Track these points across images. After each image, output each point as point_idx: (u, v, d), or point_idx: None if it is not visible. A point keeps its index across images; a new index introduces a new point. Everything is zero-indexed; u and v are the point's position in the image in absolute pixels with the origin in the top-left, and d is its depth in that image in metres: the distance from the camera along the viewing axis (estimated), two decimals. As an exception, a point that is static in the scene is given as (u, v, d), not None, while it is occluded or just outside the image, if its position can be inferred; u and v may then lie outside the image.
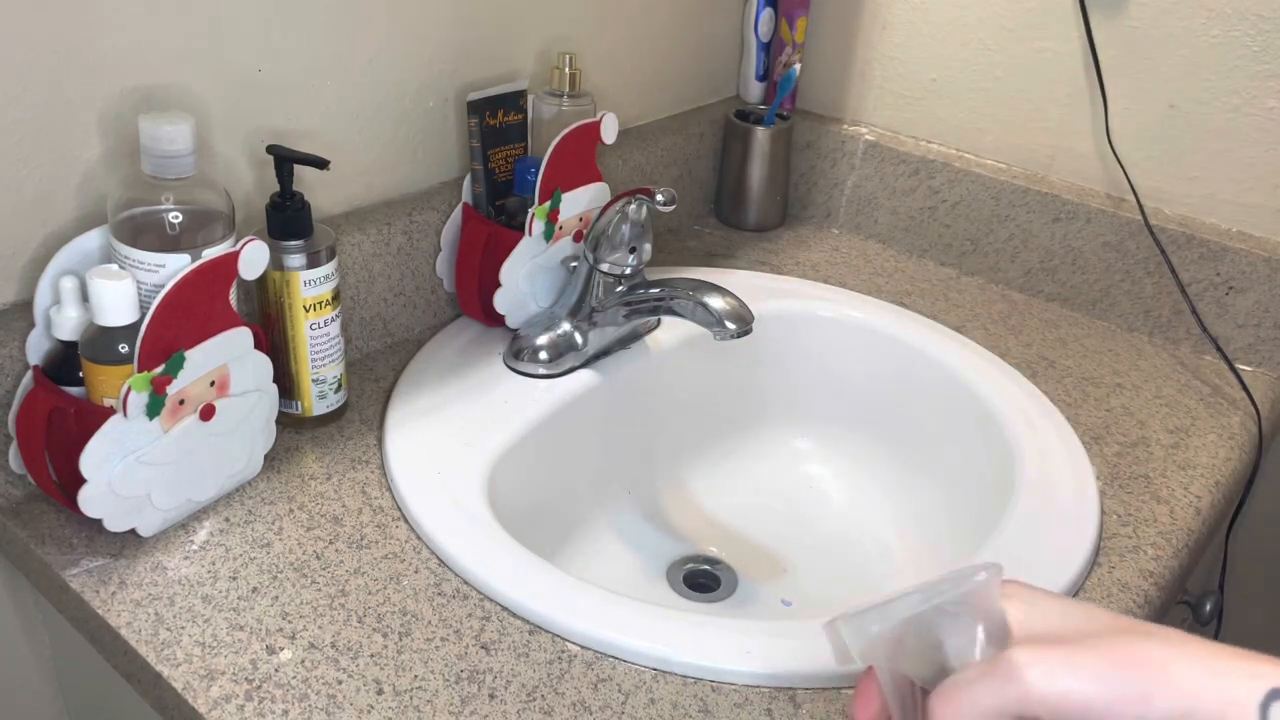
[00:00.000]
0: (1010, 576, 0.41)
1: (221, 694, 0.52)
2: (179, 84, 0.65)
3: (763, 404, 0.92)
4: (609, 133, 0.81)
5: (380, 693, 0.53)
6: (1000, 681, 0.37)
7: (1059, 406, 0.80)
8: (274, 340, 0.69)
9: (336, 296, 0.70)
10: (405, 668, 0.55)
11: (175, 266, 0.59)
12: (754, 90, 1.11)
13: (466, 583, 0.60)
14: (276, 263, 0.66)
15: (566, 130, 0.78)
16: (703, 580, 0.80)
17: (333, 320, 0.70)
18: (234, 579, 0.59)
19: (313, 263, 0.67)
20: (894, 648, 0.41)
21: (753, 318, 0.72)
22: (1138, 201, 0.91)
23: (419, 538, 0.63)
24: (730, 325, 0.71)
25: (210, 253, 0.60)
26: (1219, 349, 0.87)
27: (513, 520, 0.66)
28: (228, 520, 0.64)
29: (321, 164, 0.66)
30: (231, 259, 0.60)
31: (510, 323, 0.80)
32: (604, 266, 0.77)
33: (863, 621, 0.41)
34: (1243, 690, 0.36)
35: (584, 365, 0.80)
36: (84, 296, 0.59)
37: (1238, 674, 0.37)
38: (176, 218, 0.60)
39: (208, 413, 0.61)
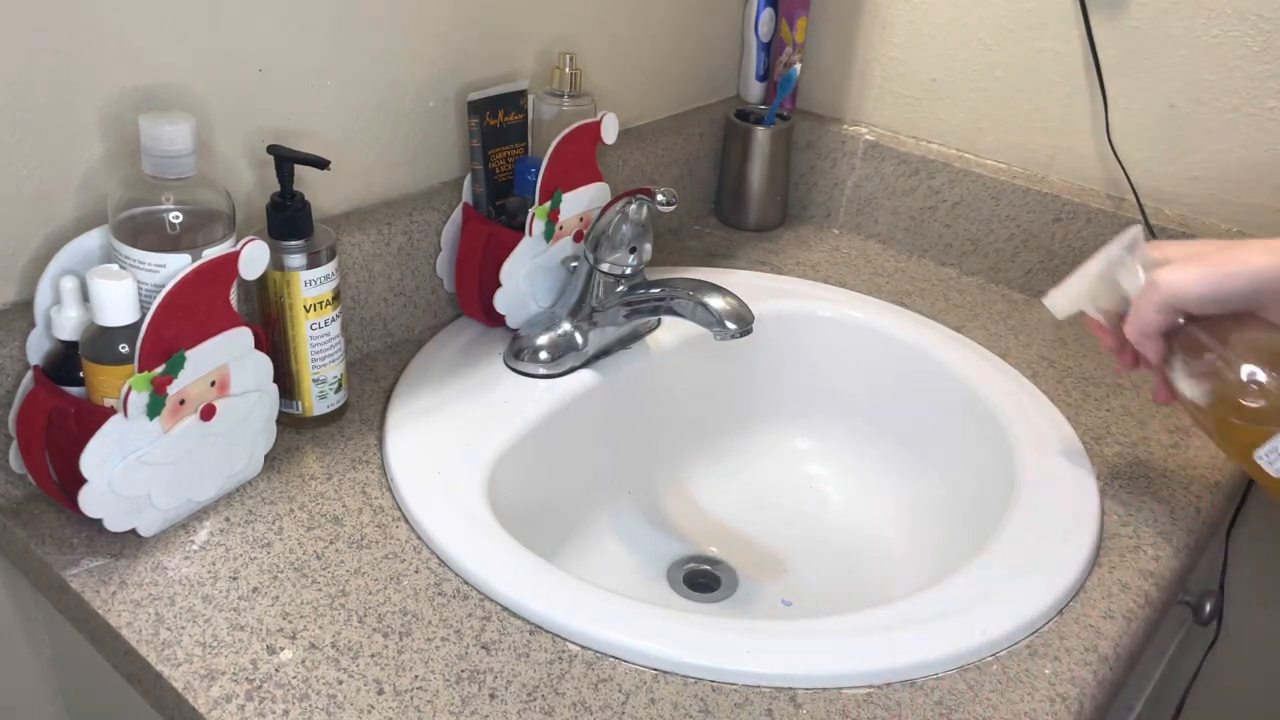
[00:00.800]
0: (1142, 247, 0.62)
1: (222, 694, 0.52)
2: (179, 84, 0.65)
3: (763, 404, 0.92)
4: (609, 133, 0.81)
5: (381, 693, 0.53)
6: (1150, 291, 0.59)
7: (1059, 406, 0.80)
8: (274, 340, 0.69)
9: (337, 296, 0.70)
10: (406, 668, 0.55)
11: (176, 266, 0.59)
12: (754, 90, 1.11)
13: (467, 583, 0.60)
14: (277, 263, 0.66)
15: (567, 130, 0.78)
16: (703, 580, 0.80)
17: (333, 320, 0.70)
18: (234, 579, 0.59)
19: (313, 263, 0.67)
20: (1091, 296, 0.66)
21: (753, 318, 0.72)
22: (1138, 201, 0.91)
23: (419, 538, 0.63)
24: (730, 325, 0.71)
25: (211, 253, 0.60)
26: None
27: (513, 520, 0.66)
28: (228, 520, 0.64)
29: (322, 164, 0.66)
30: (232, 259, 0.60)
31: (510, 323, 0.80)
32: (604, 266, 0.77)
33: (1067, 287, 0.67)
34: None
35: (584, 365, 0.80)
36: (84, 296, 0.59)
37: None
38: (177, 218, 0.60)
39: (208, 413, 0.61)
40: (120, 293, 0.57)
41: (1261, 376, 0.57)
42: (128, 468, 0.58)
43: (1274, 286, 0.56)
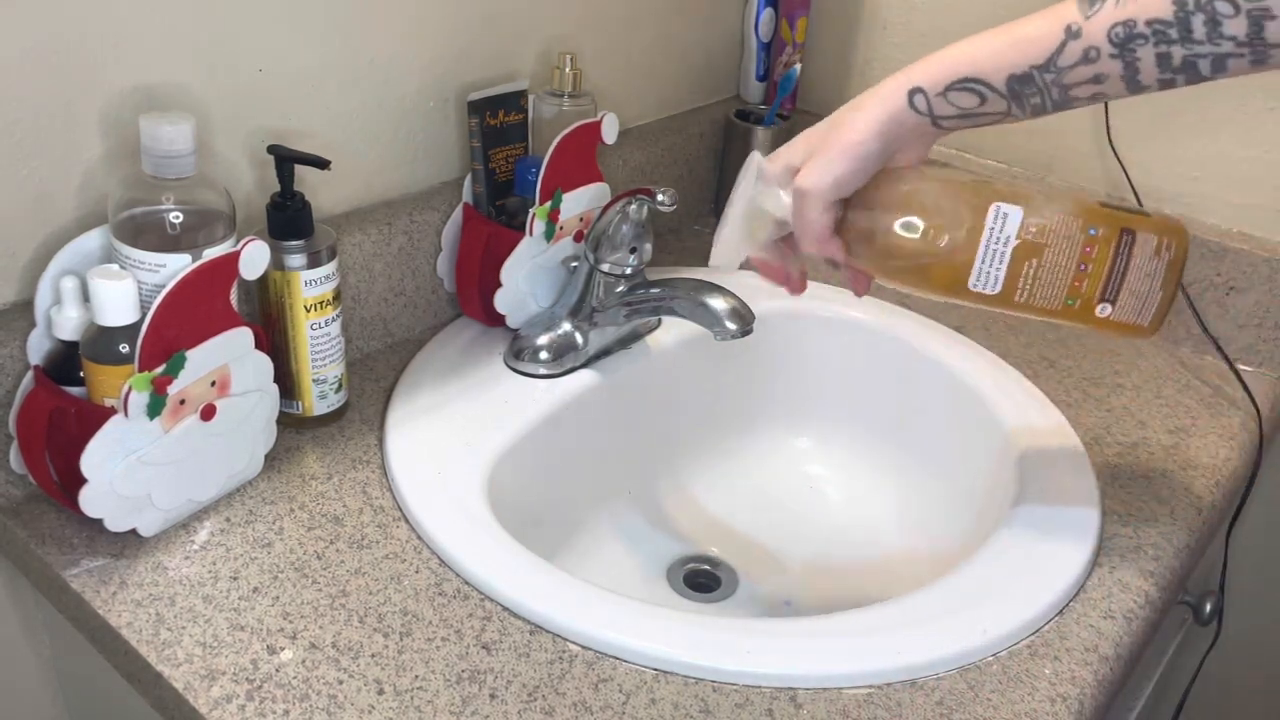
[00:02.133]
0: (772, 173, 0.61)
1: (222, 694, 0.52)
2: (179, 84, 0.65)
3: (763, 404, 0.92)
4: (609, 133, 0.81)
5: (381, 693, 0.53)
6: (801, 201, 0.58)
7: (1059, 406, 0.80)
8: (275, 340, 0.69)
9: (337, 296, 0.70)
10: (406, 668, 0.55)
11: (176, 266, 0.59)
12: (754, 90, 1.11)
13: (467, 583, 0.60)
14: (277, 263, 0.66)
15: (567, 130, 0.78)
16: (703, 580, 0.80)
17: (333, 320, 0.70)
18: (235, 579, 0.59)
19: (313, 263, 0.67)
20: (749, 236, 0.63)
21: (753, 318, 0.72)
22: (1138, 201, 0.91)
23: (419, 538, 0.63)
24: (731, 325, 0.71)
25: (211, 253, 0.60)
26: (1219, 349, 0.87)
27: (513, 520, 0.66)
28: (228, 520, 0.64)
29: (322, 164, 0.66)
30: (232, 259, 0.60)
31: (511, 323, 0.80)
32: (605, 266, 0.77)
33: (722, 238, 0.63)
34: (894, 86, 0.56)
35: (584, 365, 0.80)
36: (85, 296, 0.59)
37: (890, 82, 0.56)
38: (177, 218, 0.60)
39: (208, 413, 0.61)
40: (120, 293, 0.57)
41: (919, 222, 0.58)
42: (128, 468, 0.58)
43: (893, 134, 0.57)
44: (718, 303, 0.72)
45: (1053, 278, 0.59)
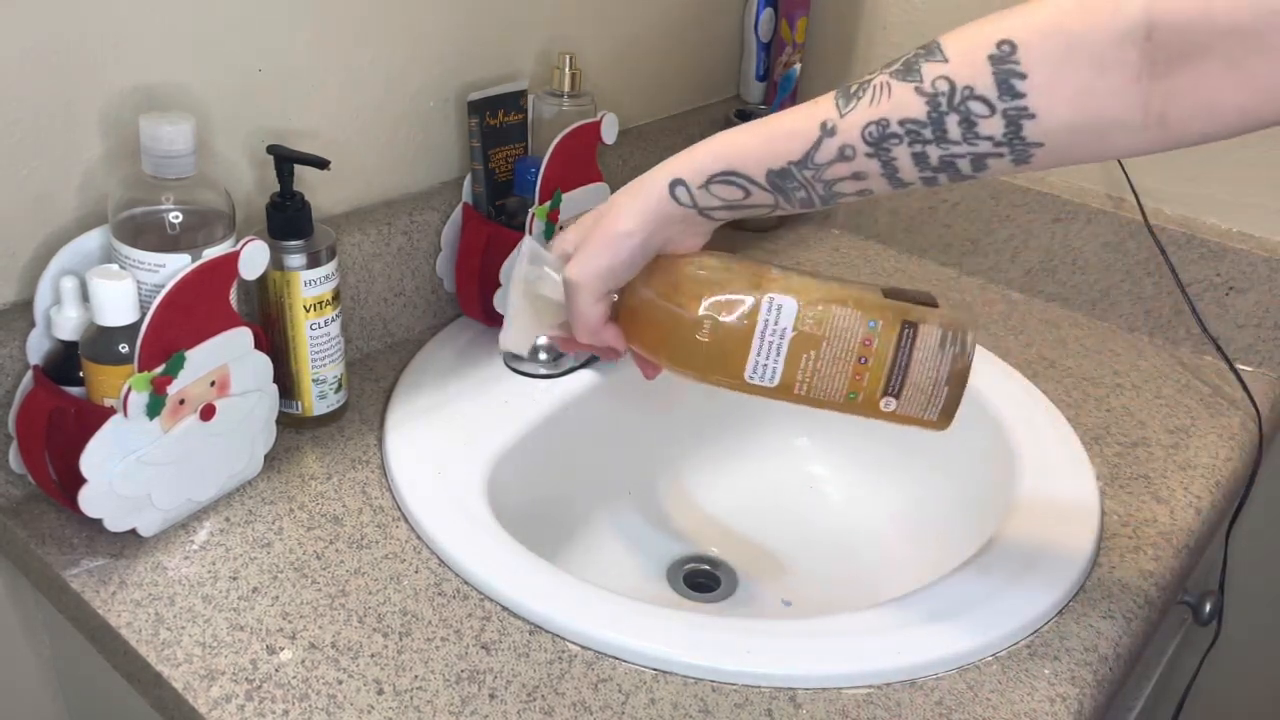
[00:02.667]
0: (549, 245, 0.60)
1: (222, 694, 0.52)
2: (179, 84, 0.65)
3: (763, 404, 0.91)
4: (609, 133, 0.81)
5: (380, 693, 0.53)
6: (571, 293, 0.56)
7: (1059, 406, 0.80)
8: (274, 340, 0.69)
9: (337, 296, 0.70)
10: (405, 668, 0.55)
11: (175, 266, 0.59)
12: (754, 90, 1.11)
13: (467, 583, 0.60)
14: (277, 263, 0.66)
15: (567, 130, 0.78)
16: (703, 580, 0.80)
17: (333, 320, 0.70)
18: (234, 579, 0.59)
19: (313, 263, 0.67)
20: (538, 321, 0.61)
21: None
22: (1138, 201, 0.91)
23: (419, 538, 0.63)
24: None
25: (211, 253, 0.60)
26: (1219, 349, 0.87)
27: (513, 520, 0.66)
28: (228, 520, 0.64)
29: (322, 164, 0.66)
30: (232, 259, 0.60)
31: (510, 323, 0.80)
32: (604, 266, 0.77)
33: (511, 324, 0.61)
34: (658, 177, 0.56)
35: (584, 365, 0.80)
36: (84, 296, 0.59)
37: (656, 172, 0.56)
38: (177, 218, 0.60)
39: (208, 413, 0.61)
40: (120, 293, 0.57)
41: (693, 313, 0.56)
42: (128, 468, 0.58)
43: (659, 225, 0.55)
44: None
45: (832, 371, 0.57)
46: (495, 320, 0.80)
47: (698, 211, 0.56)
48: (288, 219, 0.66)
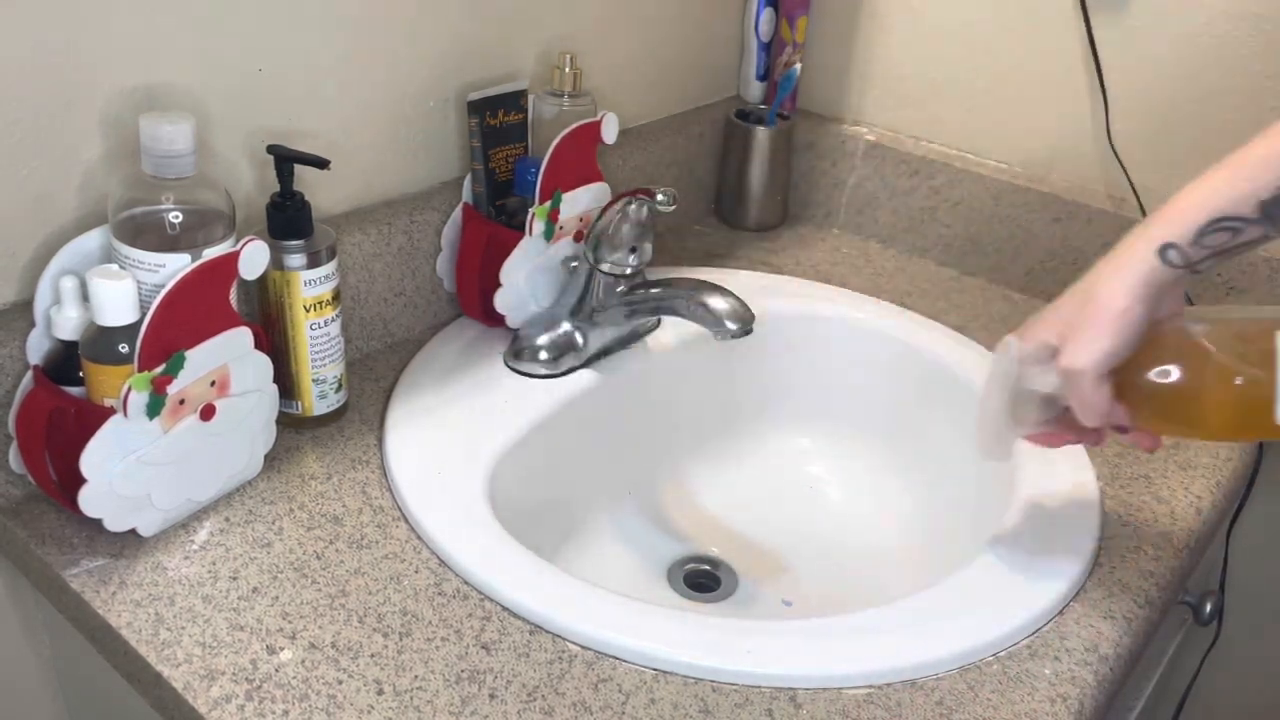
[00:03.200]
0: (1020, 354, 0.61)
1: (222, 694, 0.52)
2: (179, 84, 0.65)
3: (763, 404, 0.92)
4: (609, 133, 0.81)
5: (380, 693, 0.53)
6: (1073, 381, 0.57)
7: (1059, 406, 0.80)
8: (274, 340, 0.69)
9: (337, 296, 0.70)
10: (405, 668, 0.55)
11: (175, 266, 0.59)
12: (754, 90, 1.11)
13: (467, 583, 0.60)
14: (277, 262, 0.66)
15: (567, 130, 0.78)
16: (703, 580, 0.80)
17: (333, 320, 0.70)
18: (234, 579, 0.59)
19: (313, 263, 0.67)
20: (1018, 422, 0.62)
21: (753, 318, 0.72)
22: (1138, 201, 0.91)
23: (419, 538, 0.63)
24: (731, 325, 0.71)
25: (211, 252, 0.60)
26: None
27: (513, 520, 0.66)
28: (228, 520, 0.64)
29: (322, 164, 0.66)
30: (232, 259, 0.60)
31: (510, 323, 0.80)
32: (604, 266, 0.77)
33: (992, 433, 0.64)
34: (1140, 246, 0.55)
35: (584, 365, 0.80)
36: (84, 296, 0.59)
37: (1135, 241, 0.56)
38: (177, 217, 0.60)
39: (208, 413, 0.61)
40: (120, 293, 0.57)
41: (1208, 369, 0.56)
42: (128, 468, 0.58)
43: (1154, 295, 0.55)
44: (718, 303, 0.72)
45: None
46: (495, 320, 0.80)
47: (1188, 270, 0.55)
48: (288, 219, 0.66)
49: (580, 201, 0.80)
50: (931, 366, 0.85)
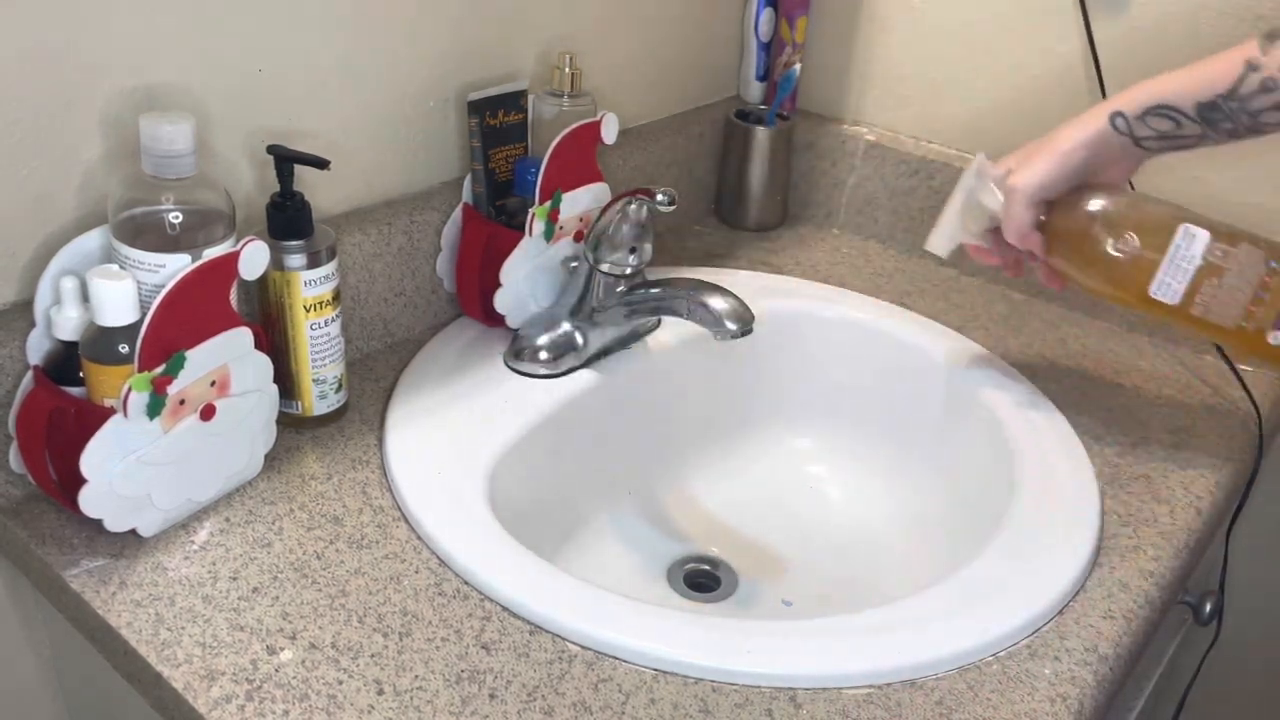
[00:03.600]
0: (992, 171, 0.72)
1: (222, 694, 0.52)
2: (179, 84, 0.65)
3: (763, 404, 0.92)
4: (609, 133, 0.81)
5: (381, 693, 0.53)
6: (1012, 195, 0.69)
7: (1059, 406, 0.80)
8: (274, 340, 0.69)
9: (337, 296, 0.70)
10: (406, 668, 0.55)
11: (176, 266, 0.59)
12: (754, 90, 1.11)
13: (467, 583, 0.60)
14: (277, 263, 0.66)
15: (567, 130, 0.78)
16: (703, 580, 0.80)
17: (333, 320, 0.70)
18: (234, 579, 0.59)
19: (313, 263, 0.67)
20: (964, 226, 0.75)
21: (753, 318, 0.72)
22: (1138, 201, 0.91)
23: (419, 538, 0.63)
24: (731, 325, 0.71)
25: (211, 253, 0.60)
26: (1219, 349, 0.87)
27: (513, 520, 0.66)
28: (228, 520, 0.64)
29: (322, 164, 0.66)
30: (232, 259, 0.60)
31: (510, 323, 0.80)
32: (604, 267, 0.77)
33: (941, 228, 0.76)
34: (1100, 110, 0.67)
35: (584, 365, 0.80)
36: (84, 296, 0.59)
37: (1097, 107, 0.68)
38: (177, 218, 0.60)
39: (208, 413, 0.61)
40: (120, 293, 0.57)
41: (1113, 231, 0.68)
42: (128, 468, 0.58)
43: (1097, 150, 0.67)
44: (718, 303, 0.72)
45: (1230, 299, 0.67)
46: (495, 320, 0.81)
47: (1133, 140, 0.67)
48: (288, 219, 0.66)
49: (580, 201, 0.80)
50: (931, 366, 0.85)
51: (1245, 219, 0.88)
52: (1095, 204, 0.68)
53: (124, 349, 0.57)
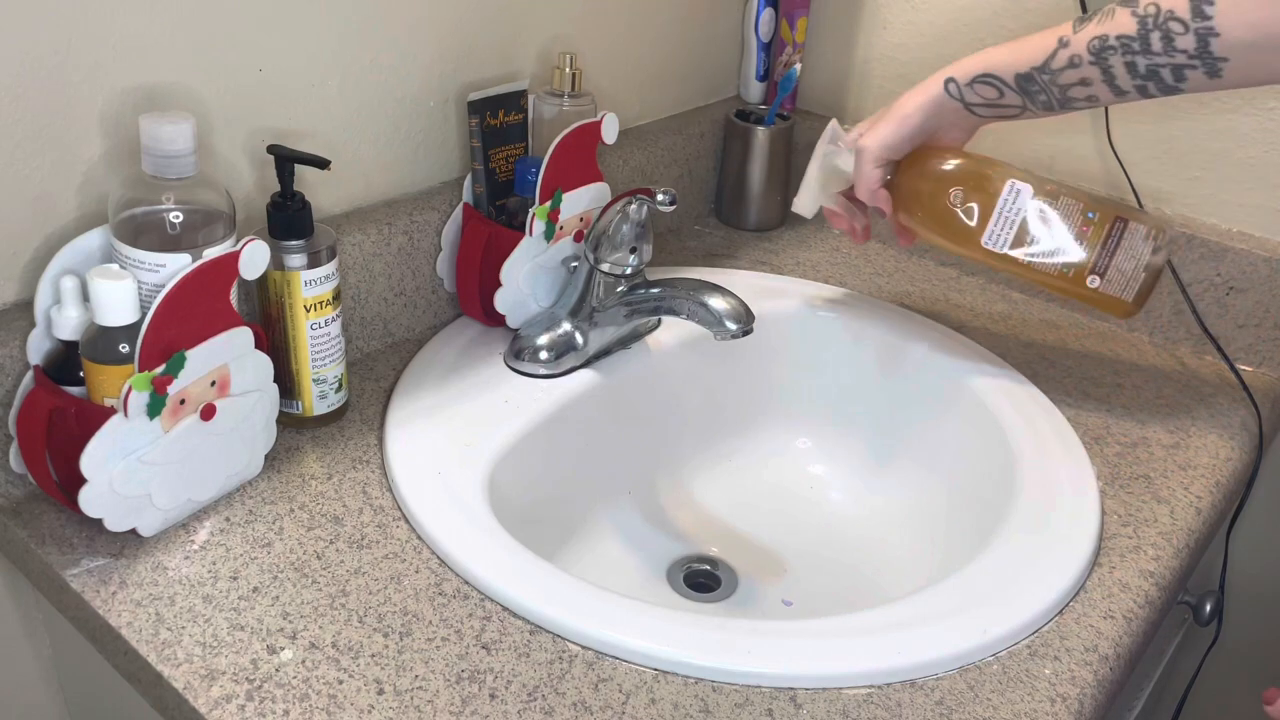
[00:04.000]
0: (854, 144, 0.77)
1: (222, 694, 0.52)
2: (179, 84, 0.65)
3: (763, 404, 0.92)
4: (610, 133, 0.81)
5: (381, 693, 0.53)
6: (860, 156, 0.75)
7: (1059, 406, 0.80)
8: (275, 340, 0.69)
9: (337, 296, 0.70)
10: (406, 668, 0.55)
11: (176, 266, 0.59)
12: (754, 90, 1.11)
13: (467, 583, 0.60)
14: (277, 262, 0.66)
15: (567, 130, 0.78)
16: (703, 580, 0.80)
17: (333, 320, 0.70)
18: (234, 579, 0.59)
19: (313, 262, 0.67)
20: (824, 189, 0.81)
21: (753, 318, 0.72)
22: (1138, 201, 0.91)
23: (419, 538, 0.63)
24: (731, 325, 0.71)
25: (211, 252, 0.60)
26: (1219, 349, 0.87)
27: (513, 520, 0.66)
28: (228, 520, 0.64)
29: (322, 164, 0.66)
30: (232, 259, 0.60)
31: (511, 323, 0.80)
32: (605, 266, 0.77)
33: (803, 191, 0.81)
34: (937, 77, 0.72)
35: (584, 365, 0.80)
36: (85, 296, 0.59)
37: (936, 74, 0.72)
38: (177, 217, 0.60)
39: (208, 412, 0.61)
40: (120, 292, 0.57)
41: (948, 186, 0.74)
42: (128, 467, 0.58)
43: (934, 114, 0.72)
44: (718, 303, 0.72)
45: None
46: (495, 320, 0.81)
47: (964, 106, 0.72)
48: (288, 219, 0.66)
49: (580, 201, 0.80)
50: (931, 367, 0.85)
51: (1244, 219, 0.89)
52: (934, 163, 0.74)
53: (124, 349, 0.57)
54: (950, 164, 0.74)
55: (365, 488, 0.67)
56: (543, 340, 0.78)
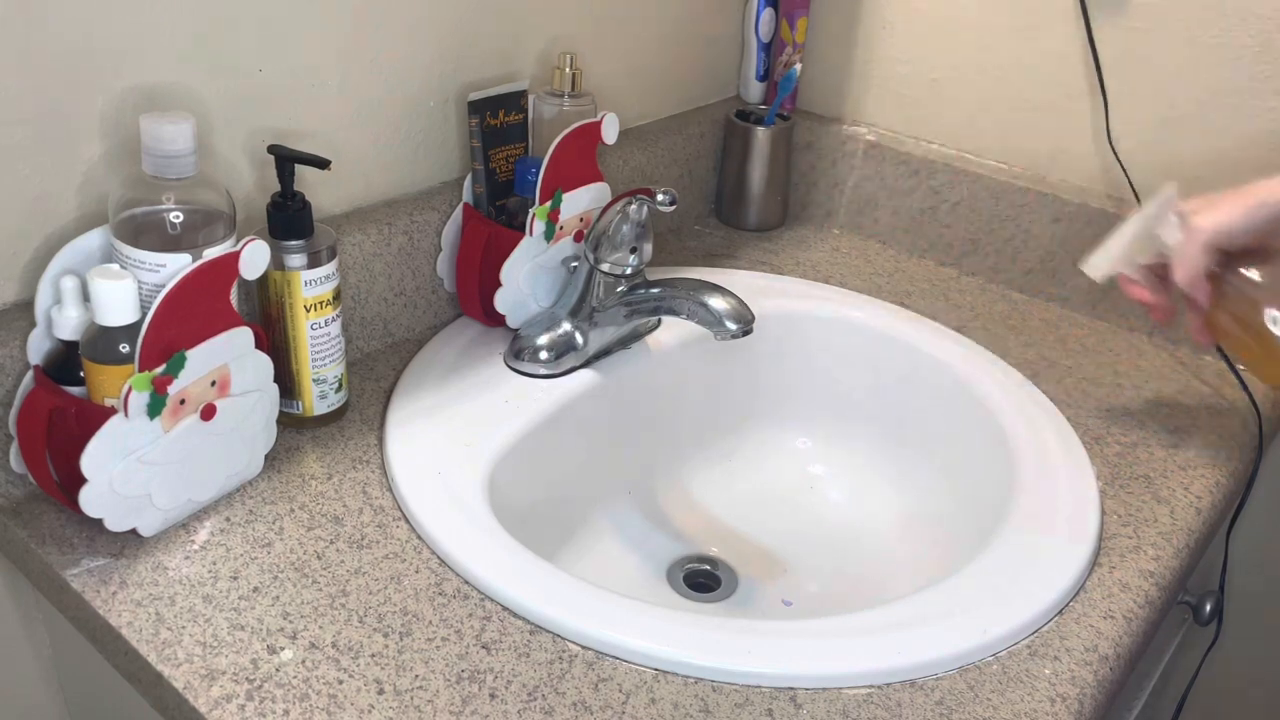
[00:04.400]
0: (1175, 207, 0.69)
1: (222, 694, 0.52)
2: (180, 84, 0.65)
3: (763, 404, 0.92)
4: (610, 133, 0.81)
5: (381, 692, 0.53)
6: (1192, 235, 0.65)
7: (1059, 406, 0.80)
8: (275, 340, 0.69)
9: (337, 296, 0.70)
10: (406, 668, 0.55)
11: (176, 266, 0.59)
12: (754, 90, 1.11)
13: (467, 583, 0.60)
14: (277, 262, 0.66)
15: (567, 130, 0.78)
16: (703, 580, 0.80)
17: (333, 320, 0.70)
18: (235, 579, 0.59)
19: (314, 262, 0.67)
20: (1129, 255, 0.71)
21: (753, 318, 0.72)
22: (1138, 201, 0.91)
23: (419, 538, 0.63)
24: (731, 325, 0.71)
25: (211, 252, 0.60)
26: (1219, 349, 0.87)
27: (513, 520, 0.66)
28: (228, 520, 0.64)
29: (322, 164, 0.66)
30: (232, 259, 0.60)
31: (511, 323, 0.80)
32: (605, 266, 0.77)
33: (1106, 250, 0.72)
34: None
35: (584, 365, 0.80)
36: (85, 296, 0.59)
37: None
38: (177, 217, 0.60)
39: (208, 412, 0.61)
40: (121, 292, 0.57)
41: (1274, 315, 0.64)
42: (128, 467, 0.58)
43: None
44: (718, 303, 0.72)
45: None
46: (495, 320, 0.81)
47: None
48: (288, 219, 0.66)
49: (580, 201, 0.80)
50: (931, 367, 0.85)
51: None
52: (1265, 270, 0.64)
53: (124, 349, 0.57)
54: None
55: (365, 488, 0.67)
56: (543, 340, 0.78)
